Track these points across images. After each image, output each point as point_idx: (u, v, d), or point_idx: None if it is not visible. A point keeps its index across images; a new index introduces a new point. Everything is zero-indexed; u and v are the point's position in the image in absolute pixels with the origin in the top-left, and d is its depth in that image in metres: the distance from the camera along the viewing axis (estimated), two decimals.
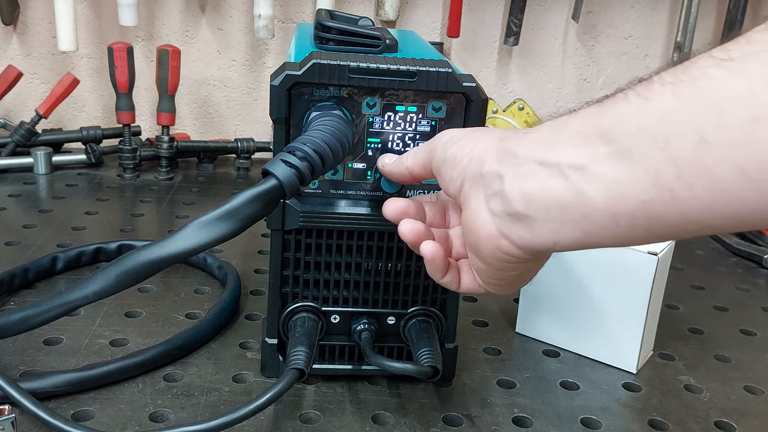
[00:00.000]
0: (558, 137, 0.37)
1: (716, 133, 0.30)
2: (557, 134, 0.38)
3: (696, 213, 0.32)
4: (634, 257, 0.59)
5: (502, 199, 0.39)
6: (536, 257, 0.42)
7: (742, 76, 0.29)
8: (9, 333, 0.48)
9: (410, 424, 0.53)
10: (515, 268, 0.42)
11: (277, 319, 0.56)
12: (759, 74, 0.29)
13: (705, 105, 0.30)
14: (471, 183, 0.42)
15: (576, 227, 0.36)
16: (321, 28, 0.54)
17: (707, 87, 0.30)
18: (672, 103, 0.31)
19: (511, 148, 0.40)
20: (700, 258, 0.89)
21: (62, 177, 1.01)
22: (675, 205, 0.32)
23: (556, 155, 0.37)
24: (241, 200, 0.44)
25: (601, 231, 0.36)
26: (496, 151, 0.41)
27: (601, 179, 0.34)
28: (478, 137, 0.43)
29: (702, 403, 0.59)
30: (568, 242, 0.37)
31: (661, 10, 1.24)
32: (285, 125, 0.51)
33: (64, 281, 0.71)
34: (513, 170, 0.39)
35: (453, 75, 0.50)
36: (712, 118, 0.30)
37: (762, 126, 0.28)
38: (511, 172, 0.39)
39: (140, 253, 0.44)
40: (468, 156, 0.42)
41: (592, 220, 0.35)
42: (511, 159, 0.39)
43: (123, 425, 0.51)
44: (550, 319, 0.65)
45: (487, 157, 0.41)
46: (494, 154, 0.41)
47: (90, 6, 1.13)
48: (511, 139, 0.40)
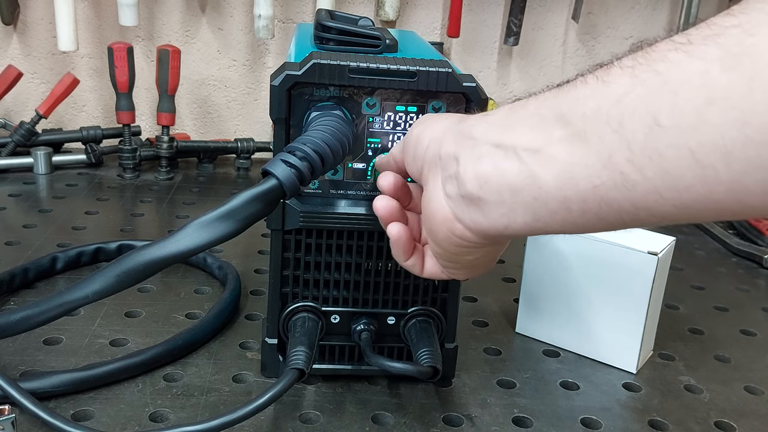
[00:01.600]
0: (515, 119, 0.37)
1: (670, 116, 0.29)
2: (514, 116, 0.37)
3: (646, 199, 0.31)
4: (634, 257, 0.59)
5: (457, 182, 0.39)
6: (490, 242, 0.41)
7: (699, 58, 0.29)
8: (9, 333, 0.48)
9: (410, 424, 0.53)
10: (470, 252, 0.42)
11: (277, 319, 0.56)
12: (715, 57, 0.28)
13: (660, 87, 0.30)
14: (429, 165, 0.42)
15: (526, 211, 0.36)
16: (321, 28, 0.54)
17: (664, 70, 0.30)
18: (628, 86, 0.31)
19: (468, 129, 0.39)
20: (700, 258, 0.89)
21: (62, 177, 1.01)
22: (626, 190, 0.32)
23: (511, 137, 0.36)
24: (241, 200, 0.44)
25: (551, 215, 0.35)
26: (455, 132, 0.40)
27: (554, 162, 0.34)
28: (440, 119, 0.43)
29: (702, 404, 0.59)
30: (519, 226, 0.37)
31: (661, 10, 1.24)
32: (285, 125, 0.51)
33: (64, 281, 0.71)
34: (468, 152, 0.39)
35: (453, 75, 0.50)
36: (666, 100, 0.29)
37: (715, 109, 0.28)
38: (467, 154, 0.39)
39: (140, 253, 0.44)
40: (428, 138, 0.42)
41: (542, 203, 0.35)
42: (468, 140, 0.39)
43: (123, 425, 0.51)
44: (550, 319, 0.65)
45: (446, 139, 0.41)
46: (452, 136, 0.40)
47: (90, 6, 1.13)
48: (469, 121, 0.40)
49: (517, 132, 0.36)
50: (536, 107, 0.36)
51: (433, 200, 0.41)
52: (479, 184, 0.38)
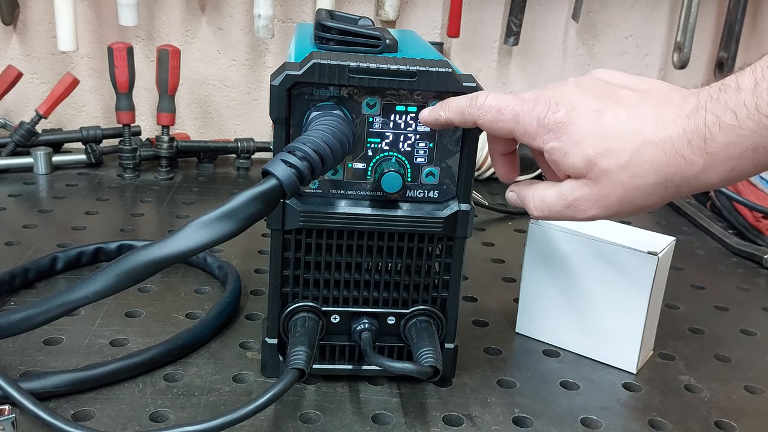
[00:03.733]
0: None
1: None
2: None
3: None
4: (634, 257, 0.59)
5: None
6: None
7: None
8: (9, 333, 0.48)
9: (410, 424, 0.53)
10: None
11: (278, 319, 0.56)
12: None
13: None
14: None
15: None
16: (321, 28, 0.54)
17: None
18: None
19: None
20: (701, 258, 0.89)
21: (62, 177, 1.01)
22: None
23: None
24: (241, 200, 0.44)
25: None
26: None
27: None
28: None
29: (702, 403, 0.59)
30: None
31: (661, 9, 1.24)
32: (285, 125, 0.51)
33: (64, 281, 0.71)
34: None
35: (453, 75, 0.50)
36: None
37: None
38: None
39: (140, 253, 0.44)
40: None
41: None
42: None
43: (123, 425, 0.51)
44: (550, 319, 0.65)
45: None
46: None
47: (90, 6, 1.13)
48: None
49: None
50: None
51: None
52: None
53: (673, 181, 0.44)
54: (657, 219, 1.01)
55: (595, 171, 0.45)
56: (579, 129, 0.46)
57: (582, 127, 0.46)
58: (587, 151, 0.45)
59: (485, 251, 0.86)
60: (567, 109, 0.46)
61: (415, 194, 0.54)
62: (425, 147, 0.53)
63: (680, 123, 0.43)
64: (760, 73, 0.41)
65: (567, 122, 0.46)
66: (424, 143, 0.53)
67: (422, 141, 0.53)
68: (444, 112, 0.50)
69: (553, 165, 0.48)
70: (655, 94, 0.46)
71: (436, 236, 0.55)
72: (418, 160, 0.53)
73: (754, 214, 0.95)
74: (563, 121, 0.46)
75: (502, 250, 0.86)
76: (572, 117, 0.46)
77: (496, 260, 0.83)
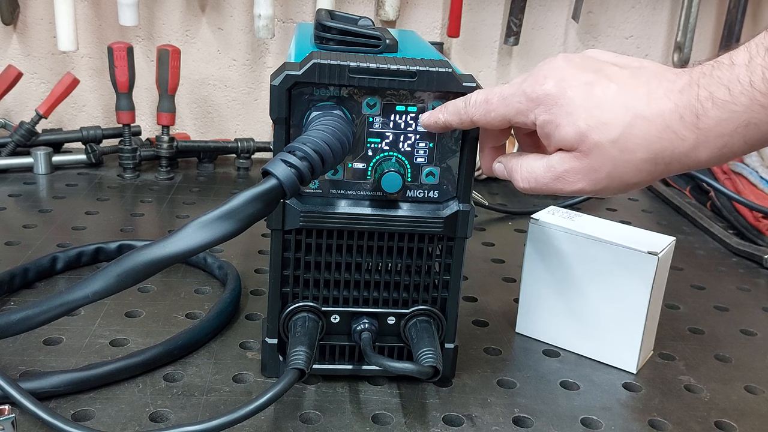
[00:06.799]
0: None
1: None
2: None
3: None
4: (634, 257, 0.59)
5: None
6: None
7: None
8: (9, 333, 0.48)
9: (410, 424, 0.53)
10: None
11: (278, 319, 0.56)
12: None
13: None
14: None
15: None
16: (321, 28, 0.54)
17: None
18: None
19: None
20: (701, 258, 0.89)
21: (62, 177, 1.01)
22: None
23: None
24: (241, 200, 0.44)
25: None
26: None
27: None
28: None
29: (702, 403, 0.59)
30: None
31: (661, 9, 1.24)
32: (285, 125, 0.51)
33: (64, 281, 0.71)
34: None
35: (453, 75, 0.50)
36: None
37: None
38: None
39: (140, 253, 0.44)
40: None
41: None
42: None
43: (123, 425, 0.51)
44: (550, 319, 0.65)
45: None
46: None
47: (90, 6, 1.13)
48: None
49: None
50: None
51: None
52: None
53: (663, 157, 0.44)
54: (657, 219, 1.01)
55: (586, 144, 0.45)
56: (570, 100, 0.45)
57: (573, 98, 0.45)
58: (579, 124, 0.45)
59: (485, 251, 0.86)
60: (555, 80, 0.46)
61: (415, 194, 0.54)
62: (425, 147, 0.53)
63: (673, 98, 0.43)
64: (754, 49, 0.41)
65: (556, 94, 0.46)
66: (424, 143, 0.53)
67: (422, 141, 0.53)
68: (443, 115, 0.50)
69: (545, 139, 0.47)
70: (647, 71, 0.46)
71: (436, 236, 0.55)
72: (418, 160, 0.53)
73: (754, 214, 0.95)
74: (551, 92, 0.46)
75: (502, 250, 0.86)
76: (561, 88, 0.46)
77: (496, 260, 0.83)
